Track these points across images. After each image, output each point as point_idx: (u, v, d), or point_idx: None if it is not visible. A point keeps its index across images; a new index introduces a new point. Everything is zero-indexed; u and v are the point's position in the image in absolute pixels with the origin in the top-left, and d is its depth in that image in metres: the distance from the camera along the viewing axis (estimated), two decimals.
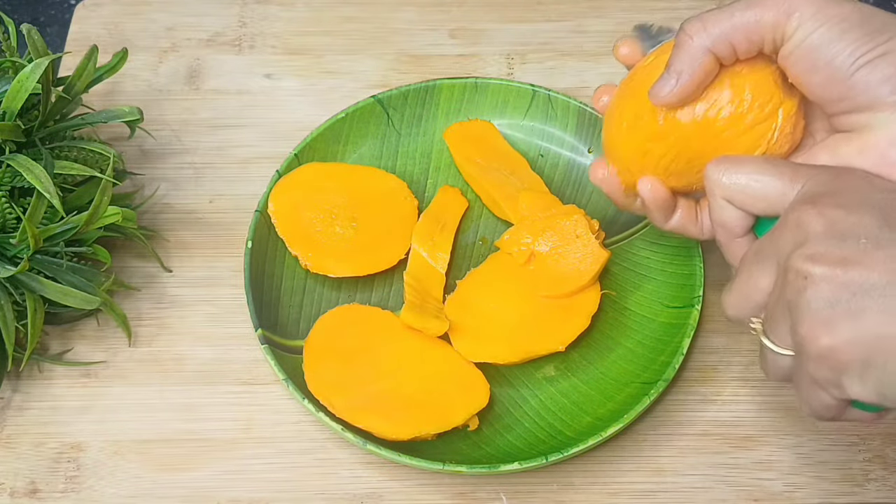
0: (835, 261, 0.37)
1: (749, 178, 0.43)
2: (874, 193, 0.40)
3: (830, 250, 0.38)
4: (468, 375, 0.54)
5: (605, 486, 0.53)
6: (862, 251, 0.37)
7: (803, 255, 0.38)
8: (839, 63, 0.42)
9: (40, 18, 0.75)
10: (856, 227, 0.38)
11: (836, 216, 0.38)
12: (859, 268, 0.37)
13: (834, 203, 0.39)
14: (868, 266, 0.37)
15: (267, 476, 0.53)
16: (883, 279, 0.36)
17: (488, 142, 0.62)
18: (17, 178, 0.52)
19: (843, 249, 0.37)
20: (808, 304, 0.38)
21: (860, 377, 0.37)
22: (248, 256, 0.56)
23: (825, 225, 0.38)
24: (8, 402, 0.55)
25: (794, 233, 0.39)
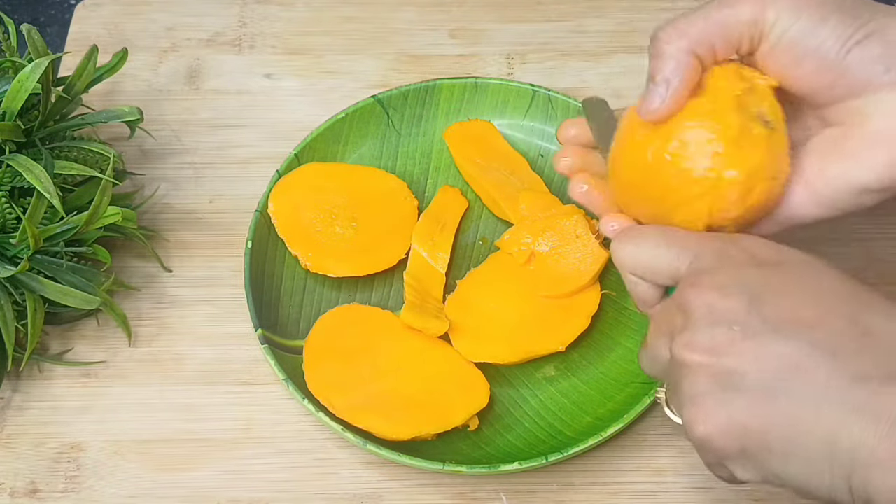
0: (707, 350, 0.38)
1: (645, 253, 0.43)
2: (750, 270, 0.40)
3: (704, 339, 0.38)
4: (468, 375, 0.54)
5: (605, 486, 0.52)
6: (731, 340, 0.37)
7: (682, 343, 0.39)
8: (827, 49, 0.42)
9: (40, 18, 0.75)
10: (728, 313, 0.38)
11: (712, 299, 0.38)
12: (728, 358, 0.37)
13: (711, 284, 0.39)
14: (736, 356, 0.37)
15: (267, 476, 0.53)
16: (748, 372, 0.37)
17: (488, 142, 0.62)
18: (17, 178, 0.52)
19: (716, 338, 0.38)
20: (685, 392, 0.38)
21: (740, 464, 0.38)
22: (248, 256, 0.56)
23: (702, 309, 0.38)
24: (8, 402, 0.55)
25: (678, 315, 0.40)
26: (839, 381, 0.35)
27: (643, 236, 0.44)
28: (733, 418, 0.37)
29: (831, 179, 0.44)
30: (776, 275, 0.39)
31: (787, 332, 0.37)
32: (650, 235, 0.44)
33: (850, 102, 0.43)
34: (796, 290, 0.38)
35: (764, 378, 0.36)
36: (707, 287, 0.39)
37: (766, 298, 0.38)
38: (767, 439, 0.36)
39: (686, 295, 0.39)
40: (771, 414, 0.36)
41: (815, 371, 0.36)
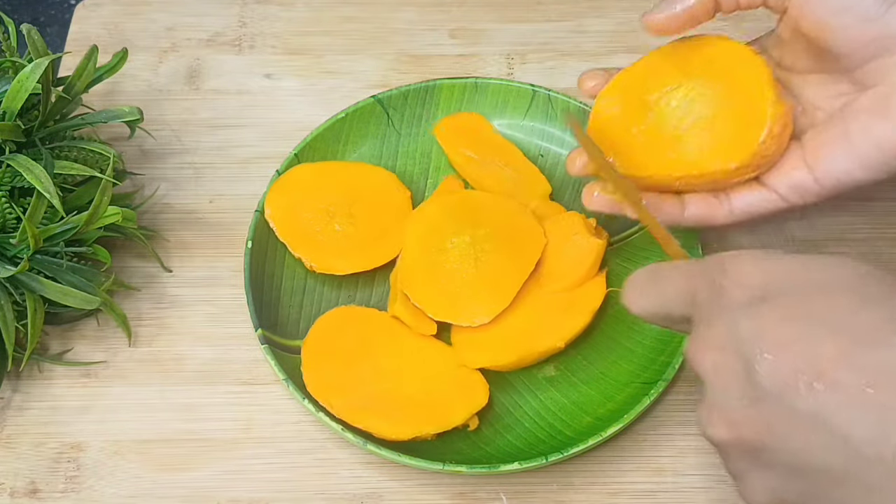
0: (726, 425, 0.36)
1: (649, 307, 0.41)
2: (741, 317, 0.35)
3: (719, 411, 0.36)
4: (467, 375, 0.54)
5: (605, 486, 0.53)
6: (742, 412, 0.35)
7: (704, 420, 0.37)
8: (868, 4, 0.41)
9: (40, 18, 0.75)
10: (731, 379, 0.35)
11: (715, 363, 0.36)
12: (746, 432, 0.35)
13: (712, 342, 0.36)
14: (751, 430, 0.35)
15: (267, 476, 0.53)
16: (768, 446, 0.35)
17: (480, 134, 0.62)
18: (17, 178, 0.52)
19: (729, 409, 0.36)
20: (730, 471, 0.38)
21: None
22: (248, 256, 0.56)
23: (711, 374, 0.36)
24: (8, 402, 0.55)
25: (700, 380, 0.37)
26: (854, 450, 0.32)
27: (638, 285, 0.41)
28: (775, 494, 0.35)
29: (877, 140, 0.43)
30: (770, 313, 0.35)
31: (790, 396, 0.33)
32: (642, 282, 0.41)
33: (887, 60, 0.42)
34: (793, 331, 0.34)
35: (783, 453, 0.34)
36: (708, 348, 0.36)
37: (763, 352, 0.34)
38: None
39: (693, 359, 0.37)
40: (805, 489, 0.34)
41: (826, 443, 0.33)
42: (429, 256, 0.56)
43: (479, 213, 0.58)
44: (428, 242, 0.57)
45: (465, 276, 0.55)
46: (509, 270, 0.55)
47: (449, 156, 0.62)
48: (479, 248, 0.56)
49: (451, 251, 0.56)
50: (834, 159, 0.45)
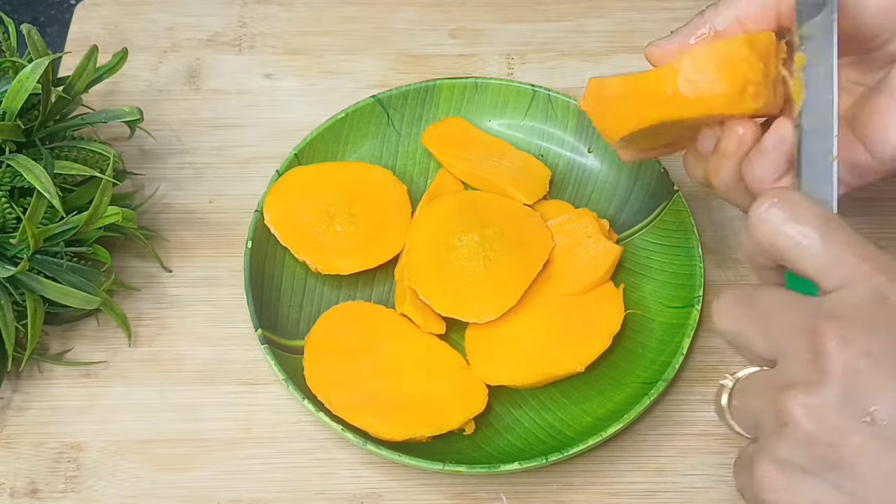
0: (827, 427, 0.33)
1: (793, 238, 0.36)
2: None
3: (831, 412, 0.33)
4: (468, 379, 0.54)
5: (605, 486, 0.52)
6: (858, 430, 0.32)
7: (800, 401, 0.33)
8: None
9: (40, 18, 0.75)
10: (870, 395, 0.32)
11: (861, 367, 0.32)
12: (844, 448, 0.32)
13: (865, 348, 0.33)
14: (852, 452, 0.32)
15: (267, 476, 0.53)
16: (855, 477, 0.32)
17: (466, 135, 0.63)
18: (17, 178, 0.52)
19: (843, 418, 0.32)
20: (775, 447, 0.34)
21: None
22: (248, 256, 0.56)
23: (843, 375, 0.33)
24: (8, 402, 0.55)
25: (806, 351, 0.34)
26: None
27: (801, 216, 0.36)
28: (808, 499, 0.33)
29: None
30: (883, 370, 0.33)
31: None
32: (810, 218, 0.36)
33: None
34: None
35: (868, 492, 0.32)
36: (857, 348, 0.33)
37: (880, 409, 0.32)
38: None
39: (829, 343, 0.33)
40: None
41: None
42: (437, 254, 0.56)
43: (488, 213, 0.58)
44: (437, 240, 0.57)
45: (474, 273, 0.55)
46: (517, 270, 0.55)
47: (442, 162, 0.62)
48: (488, 248, 0.56)
49: (459, 249, 0.56)
50: (889, 127, 0.43)
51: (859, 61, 0.45)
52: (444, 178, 0.61)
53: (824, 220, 0.36)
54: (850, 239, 0.36)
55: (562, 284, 0.56)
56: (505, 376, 0.53)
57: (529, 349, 0.54)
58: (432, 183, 0.62)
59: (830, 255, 0.35)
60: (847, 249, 0.35)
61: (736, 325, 0.38)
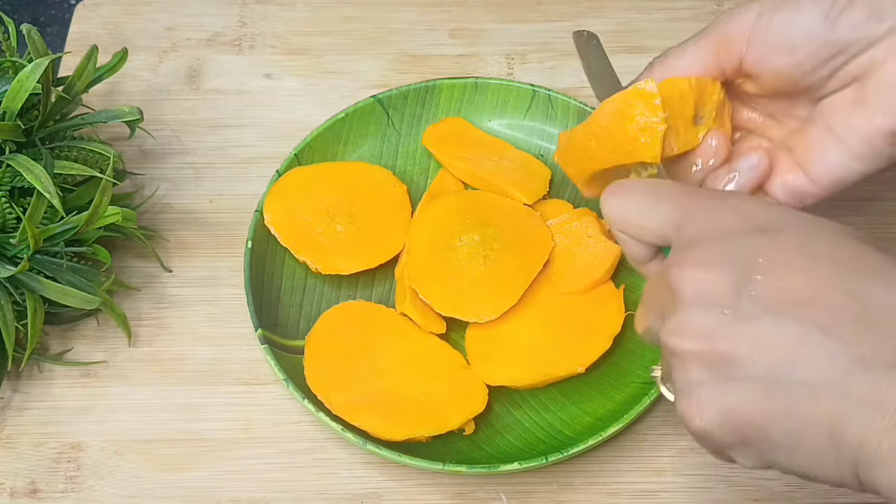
0: (697, 336, 0.36)
1: (633, 208, 0.42)
2: (740, 240, 0.37)
3: (693, 324, 0.36)
4: (468, 379, 0.54)
5: (605, 486, 0.53)
6: (722, 325, 0.35)
7: (670, 329, 0.37)
8: (813, 29, 0.43)
9: (40, 18, 0.75)
10: (718, 294, 0.36)
11: (700, 279, 0.36)
12: (720, 344, 0.35)
13: (699, 261, 0.37)
14: (728, 342, 0.35)
15: (267, 476, 0.53)
16: (743, 359, 0.35)
17: (466, 135, 0.63)
18: (17, 178, 0.52)
19: (706, 322, 0.36)
20: (678, 382, 0.37)
21: (742, 453, 0.37)
22: (248, 256, 0.56)
23: (689, 290, 0.36)
24: (8, 402, 0.55)
25: (666, 296, 0.38)
26: (839, 369, 0.33)
27: (634, 189, 0.42)
28: (731, 410, 0.35)
29: (859, 130, 0.44)
30: (769, 244, 0.37)
31: (782, 313, 0.35)
32: (640, 189, 0.42)
33: (849, 67, 0.44)
34: (791, 260, 0.36)
35: (759, 366, 0.35)
36: (694, 265, 0.37)
37: (757, 274, 0.36)
38: (768, 431, 0.35)
39: (673, 274, 0.37)
40: (770, 405, 0.34)
41: (813, 358, 0.34)
42: (438, 253, 0.56)
43: (488, 212, 0.58)
44: (437, 239, 0.57)
45: (474, 273, 0.55)
46: (517, 270, 0.55)
47: (442, 162, 0.62)
48: (488, 247, 0.56)
49: (460, 249, 0.56)
50: (825, 155, 0.45)
51: (790, 98, 0.47)
52: (444, 178, 0.61)
53: (653, 183, 0.42)
54: (677, 186, 0.42)
55: (562, 284, 0.56)
56: (505, 377, 0.53)
57: (529, 349, 0.54)
58: (432, 183, 0.62)
59: (663, 206, 0.41)
60: (675, 195, 0.41)
61: (643, 323, 0.41)
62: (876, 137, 0.44)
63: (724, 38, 0.45)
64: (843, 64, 0.44)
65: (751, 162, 0.46)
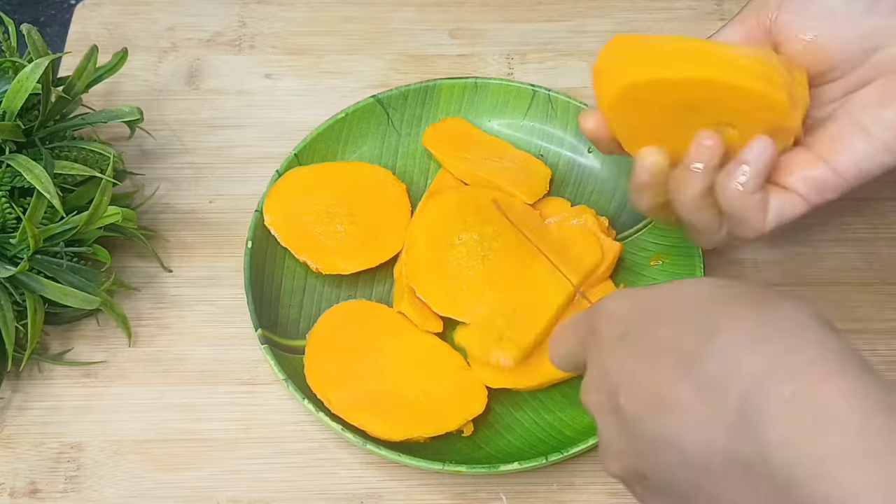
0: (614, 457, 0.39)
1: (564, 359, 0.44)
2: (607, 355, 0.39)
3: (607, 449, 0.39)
4: (467, 380, 0.54)
5: (605, 486, 0.53)
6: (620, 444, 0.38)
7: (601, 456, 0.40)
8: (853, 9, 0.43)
9: (40, 18, 0.75)
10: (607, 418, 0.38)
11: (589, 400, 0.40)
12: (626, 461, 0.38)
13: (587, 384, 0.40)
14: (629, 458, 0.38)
15: (267, 476, 0.53)
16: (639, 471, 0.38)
17: (466, 135, 0.63)
18: (17, 178, 0.52)
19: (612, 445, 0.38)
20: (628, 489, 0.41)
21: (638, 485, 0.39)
22: (248, 256, 0.56)
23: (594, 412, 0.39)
24: (8, 402, 0.55)
25: None
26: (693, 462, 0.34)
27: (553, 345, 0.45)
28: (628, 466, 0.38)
29: (889, 123, 0.44)
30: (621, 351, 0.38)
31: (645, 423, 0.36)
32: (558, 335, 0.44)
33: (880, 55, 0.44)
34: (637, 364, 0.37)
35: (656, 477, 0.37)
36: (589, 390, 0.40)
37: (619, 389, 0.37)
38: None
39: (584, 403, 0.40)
40: None
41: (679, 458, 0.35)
42: (436, 252, 0.56)
43: (487, 211, 0.58)
44: (436, 238, 0.57)
45: (472, 272, 0.55)
46: (515, 270, 0.55)
47: (442, 162, 0.62)
48: (487, 247, 0.56)
49: (458, 247, 0.56)
50: (852, 148, 0.45)
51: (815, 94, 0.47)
52: (444, 179, 0.61)
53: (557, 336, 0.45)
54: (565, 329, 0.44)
55: None
56: (506, 380, 0.53)
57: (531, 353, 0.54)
58: (432, 183, 0.62)
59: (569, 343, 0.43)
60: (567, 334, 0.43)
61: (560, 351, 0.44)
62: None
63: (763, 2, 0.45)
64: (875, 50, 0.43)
65: (758, 149, 0.44)
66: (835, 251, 0.60)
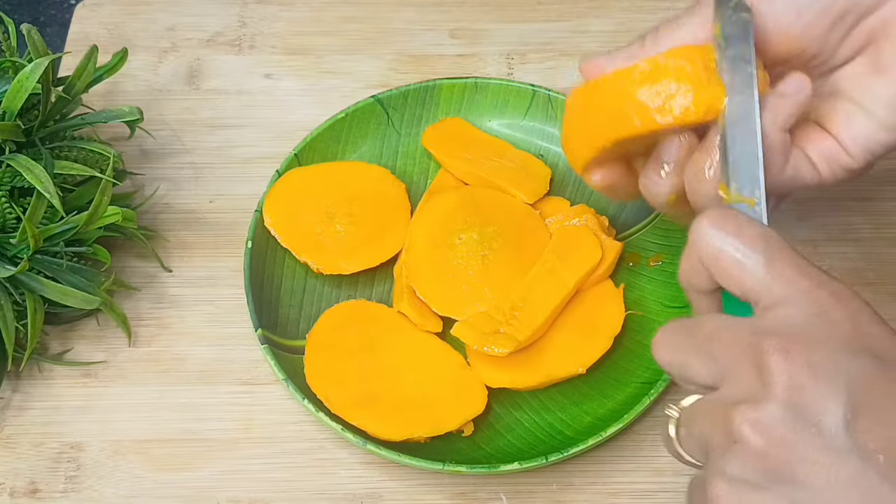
0: (774, 440, 0.33)
1: (733, 254, 0.36)
2: (853, 359, 0.33)
3: (778, 424, 0.33)
4: (467, 380, 0.54)
5: (605, 486, 0.53)
6: (806, 441, 0.32)
7: (747, 416, 0.33)
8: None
9: (40, 18, 0.75)
10: (816, 406, 0.33)
11: (802, 379, 0.33)
12: (794, 460, 0.32)
13: (805, 359, 0.33)
14: (802, 464, 0.32)
15: (267, 476, 0.53)
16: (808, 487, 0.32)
17: (466, 135, 0.63)
18: (17, 178, 0.52)
19: (790, 431, 0.32)
20: (725, 465, 0.34)
21: None
22: (248, 256, 0.56)
23: (788, 388, 0.33)
24: (8, 402, 0.55)
25: (751, 371, 0.34)
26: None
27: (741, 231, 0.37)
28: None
29: (882, 98, 0.42)
30: (881, 374, 0.33)
31: (873, 462, 0.32)
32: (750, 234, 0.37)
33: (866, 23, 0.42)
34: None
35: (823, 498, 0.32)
36: (799, 361, 0.33)
37: (862, 405, 0.32)
38: None
39: (773, 361, 0.33)
40: None
41: None
42: (436, 251, 0.56)
43: (488, 210, 0.58)
44: (436, 237, 0.57)
45: (472, 272, 0.55)
46: (515, 270, 0.55)
47: (442, 162, 0.62)
48: (487, 246, 0.56)
49: (458, 247, 0.56)
50: (852, 126, 0.43)
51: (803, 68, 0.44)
52: (444, 179, 0.61)
53: (765, 238, 0.37)
54: (791, 256, 0.36)
55: None
56: (506, 379, 0.53)
57: (530, 350, 0.54)
58: (432, 183, 0.62)
59: (771, 270, 0.36)
60: (787, 266, 0.36)
61: (677, 355, 0.38)
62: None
63: None
64: (853, 26, 0.42)
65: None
66: (835, 251, 0.60)
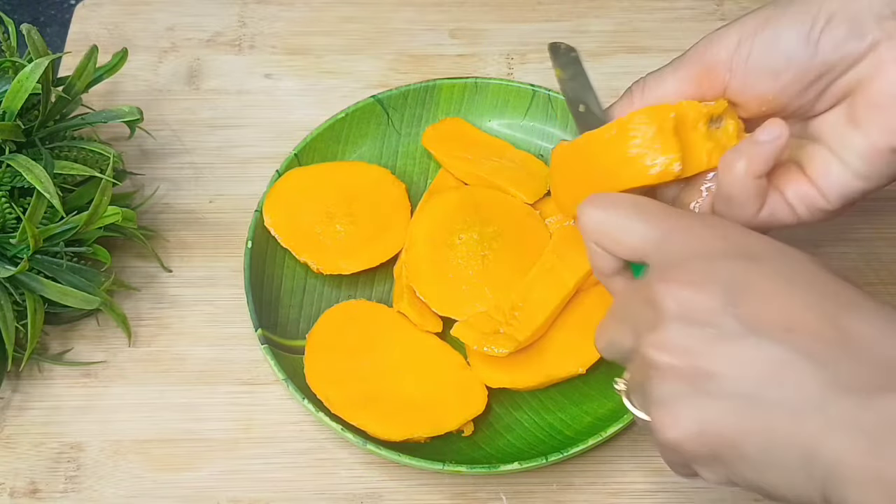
0: (680, 351, 0.36)
1: (613, 222, 0.41)
2: (724, 262, 0.38)
3: (676, 339, 0.36)
4: (467, 380, 0.54)
5: (605, 486, 0.53)
6: (706, 342, 0.36)
7: (651, 342, 0.37)
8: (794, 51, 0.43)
9: (40, 18, 0.75)
10: (703, 312, 0.36)
11: (685, 296, 0.37)
12: (702, 360, 0.36)
13: (684, 279, 0.37)
14: (711, 359, 0.36)
15: (267, 476, 0.53)
16: (725, 376, 0.35)
17: (466, 135, 0.63)
18: (17, 178, 0.52)
19: (689, 339, 0.36)
20: (653, 394, 0.37)
21: (709, 468, 0.37)
22: (248, 256, 0.56)
23: (674, 307, 0.37)
24: (8, 402, 0.55)
25: (646, 309, 0.38)
26: (819, 391, 0.34)
27: (615, 203, 0.42)
28: (707, 425, 0.36)
29: (857, 149, 0.43)
30: (752, 268, 0.37)
31: (766, 334, 0.35)
32: (622, 203, 0.42)
33: (842, 80, 0.43)
34: (773, 286, 0.37)
35: (741, 384, 0.35)
36: (679, 282, 0.37)
37: (742, 296, 0.36)
38: (742, 447, 0.35)
39: (657, 290, 0.37)
40: (747, 423, 0.35)
41: (794, 379, 0.34)
42: (436, 251, 0.56)
43: (488, 210, 0.58)
44: (436, 237, 0.57)
45: (472, 272, 0.55)
46: (515, 270, 0.55)
47: (442, 162, 0.62)
48: (487, 246, 0.56)
49: (458, 247, 0.56)
50: (829, 173, 0.44)
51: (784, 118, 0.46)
52: (444, 179, 0.61)
53: (636, 201, 0.42)
54: (660, 207, 0.42)
55: None
56: (506, 379, 0.53)
57: (530, 350, 0.54)
58: (432, 183, 0.62)
59: (647, 222, 0.41)
60: (660, 215, 0.41)
61: (604, 336, 0.41)
62: (875, 156, 0.43)
63: (705, 66, 0.45)
64: (829, 84, 0.43)
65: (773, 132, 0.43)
66: (835, 251, 0.60)
